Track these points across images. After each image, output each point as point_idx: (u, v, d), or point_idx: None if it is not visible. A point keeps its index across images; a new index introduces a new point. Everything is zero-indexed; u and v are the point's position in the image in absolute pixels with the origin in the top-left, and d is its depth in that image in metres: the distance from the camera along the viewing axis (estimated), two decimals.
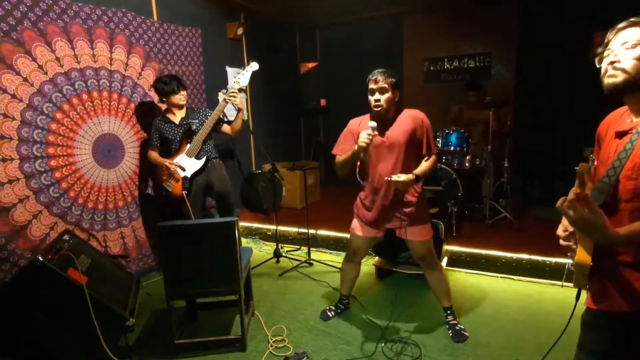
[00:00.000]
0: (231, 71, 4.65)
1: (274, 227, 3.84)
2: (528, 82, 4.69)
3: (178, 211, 3.04)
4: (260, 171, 4.69)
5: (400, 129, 2.24)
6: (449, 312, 2.52)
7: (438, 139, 4.05)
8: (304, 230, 3.89)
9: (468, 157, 4.03)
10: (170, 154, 3.04)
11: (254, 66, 3.00)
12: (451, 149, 4.00)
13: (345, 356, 2.28)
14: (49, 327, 2.14)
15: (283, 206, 4.74)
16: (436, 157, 2.34)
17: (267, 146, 4.11)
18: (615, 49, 1.12)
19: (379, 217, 2.35)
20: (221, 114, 2.99)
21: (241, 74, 2.98)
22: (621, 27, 1.13)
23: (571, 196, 1.02)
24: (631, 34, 1.10)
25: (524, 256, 3.22)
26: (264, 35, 5.24)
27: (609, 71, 1.13)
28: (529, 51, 4.68)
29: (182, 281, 2.27)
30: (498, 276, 3.23)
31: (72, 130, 2.85)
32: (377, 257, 3.36)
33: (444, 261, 3.27)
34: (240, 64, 4.81)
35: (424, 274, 2.52)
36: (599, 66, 1.18)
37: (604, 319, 1.21)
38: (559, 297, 2.86)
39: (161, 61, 3.45)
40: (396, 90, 2.22)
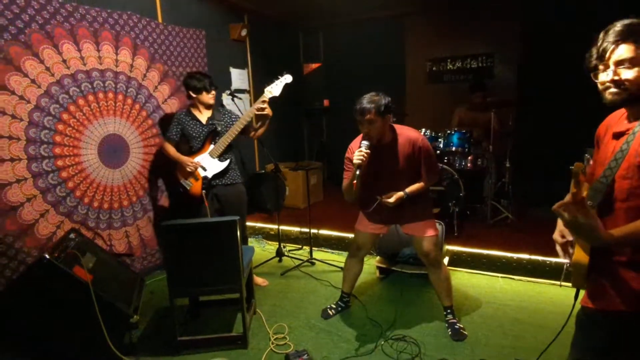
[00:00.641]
0: (235, 72, 4.69)
1: (277, 226, 3.88)
2: (530, 83, 4.69)
3: (196, 210, 2.98)
4: (263, 171, 4.74)
5: (397, 155, 2.29)
6: (449, 311, 2.54)
7: (440, 140, 4.06)
8: (306, 230, 3.92)
9: (470, 158, 4.04)
10: (191, 151, 3.01)
11: (288, 78, 2.92)
12: (453, 149, 4.01)
13: (346, 354, 2.31)
14: (55, 323, 2.19)
15: (286, 206, 4.77)
16: (429, 185, 2.41)
17: (271, 146, 4.12)
18: (613, 66, 1.13)
19: (383, 214, 2.44)
20: (250, 119, 2.95)
21: (275, 84, 2.93)
22: (613, 40, 1.12)
23: (567, 198, 1.05)
24: (624, 52, 1.10)
25: (525, 256, 3.24)
26: (267, 36, 5.27)
27: (611, 89, 1.14)
28: (531, 51, 4.67)
29: (185, 279, 2.31)
30: (498, 276, 3.25)
31: (79, 131, 2.90)
32: (378, 257, 3.39)
33: (445, 260, 3.28)
34: (243, 65, 4.86)
35: (427, 271, 2.55)
36: (595, 81, 1.18)
37: (599, 317, 1.23)
38: (558, 297, 2.87)
39: (166, 63, 3.50)
40: (386, 116, 2.20)
